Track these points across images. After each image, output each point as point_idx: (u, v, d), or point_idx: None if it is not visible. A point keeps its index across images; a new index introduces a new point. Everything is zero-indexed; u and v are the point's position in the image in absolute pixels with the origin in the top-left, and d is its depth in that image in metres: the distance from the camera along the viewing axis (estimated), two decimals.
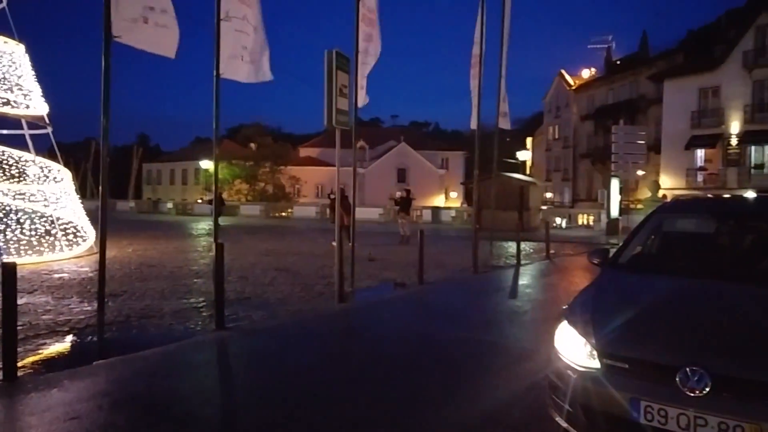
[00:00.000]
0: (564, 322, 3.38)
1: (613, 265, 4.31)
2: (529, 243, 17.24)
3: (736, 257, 4.36)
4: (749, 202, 5.76)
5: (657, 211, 5.10)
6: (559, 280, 11.43)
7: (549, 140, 61.54)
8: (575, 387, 3.02)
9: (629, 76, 48.60)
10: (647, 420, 2.72)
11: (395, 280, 10.46)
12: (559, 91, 59.86)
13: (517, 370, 5.11)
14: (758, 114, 34.26)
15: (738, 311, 3.27)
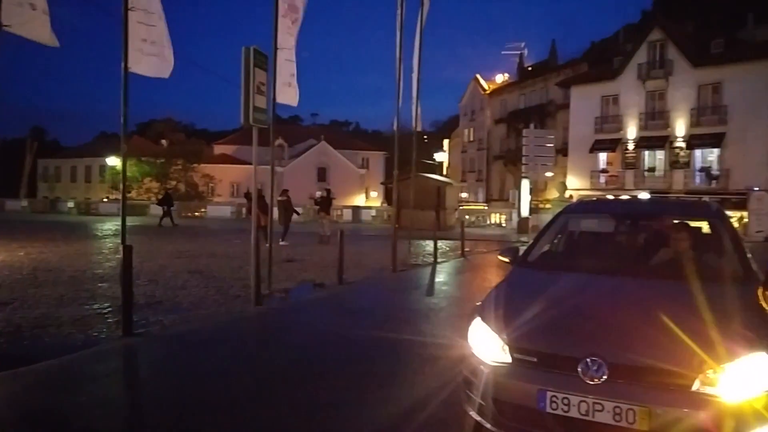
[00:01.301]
0: (477, 318, 3.48)
1: (523, 263, 4.49)
2: (446, 241, 17.65)
3: (632, 254, 4.65)
4: (643, 203, 6.20)
5: (563, 212, 5.33)
6: (473, 277, 11.80)
7: (465, 142, 63.39)
8: (487, 381, 3.12)
9: (540, 82, 51.02)
10: (552, 409, 2.86)
11: (314, 281, 10.37)
12: (475, 95, 61.80)
13: (433, 366, 5.17)
14: (650, 122, 37.05)
15: (633, 304, 3.49)
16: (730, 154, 33.78)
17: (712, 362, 2.75)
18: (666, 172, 36.59)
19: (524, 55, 59.88)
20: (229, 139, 61.60)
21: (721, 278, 3.74)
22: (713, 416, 2.63)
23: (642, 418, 2.69)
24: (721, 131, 34.04)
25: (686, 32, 39.09)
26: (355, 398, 4.39)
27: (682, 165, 35.89)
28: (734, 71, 33.45)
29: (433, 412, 4.06)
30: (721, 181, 34.25)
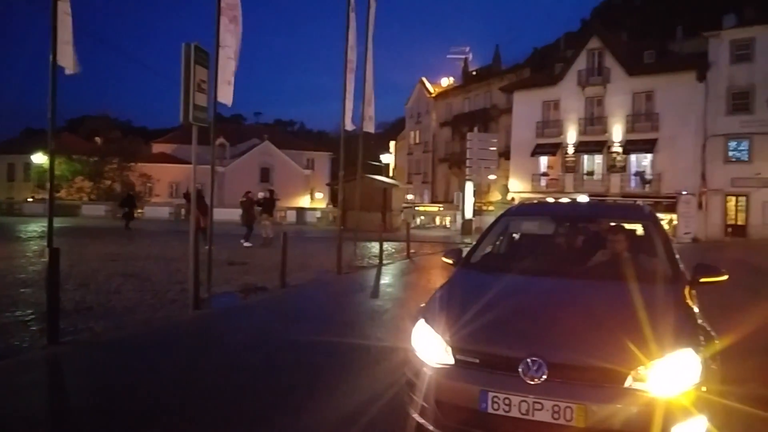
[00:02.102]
0: (421, 320, 3.47)
1: (466, 265, 4.52)
2: (392, 243, 17.68)
3: (570, 255, 4.75)
4: (581, 207, 6.36)
5: (504, 214, 5.42)
6: (418, 279, 11.83)
7: (411, 144, 63.86)
8: (430, 383, 3.12)
9: (484, 87, 52.01)
10: (494, 409, 2.90)
11: (256, 284, 10.12)
12: (420, 98, 62.38)
13: (377, 369, 5.12)
14: (589, 127, 38.39)
15: (571, 304, 3.58)
16: (662, 159, 35.44)
17: (643, 359, 2.85)
18: (604, 175, 37.99)
19: (469, 60, 61.03)
20: (169, 138, 59.60)
21: (653, 278, 3.86)
22: (644, 411, 2.74)
23: (579, 415, 2.76)
24: (654, 137, 35.67)
25: (622, 42, 40.82)
26: (300, 402, 4.28)
27: (619, 169, 37.36)
28: (665, 80, 35.14)
29: (375, 416, 4.01)
30: (653, 185, 35.87)
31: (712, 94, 33.90)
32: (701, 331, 3.24)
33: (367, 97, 13.49)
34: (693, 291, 3.93)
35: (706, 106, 33.98)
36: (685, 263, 4.21)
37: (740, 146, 33.43)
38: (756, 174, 32.24)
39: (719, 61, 33.78)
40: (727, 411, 3.28)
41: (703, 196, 33.94)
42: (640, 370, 2.84)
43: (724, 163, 33.67)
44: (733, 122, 33.32)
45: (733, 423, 3.58)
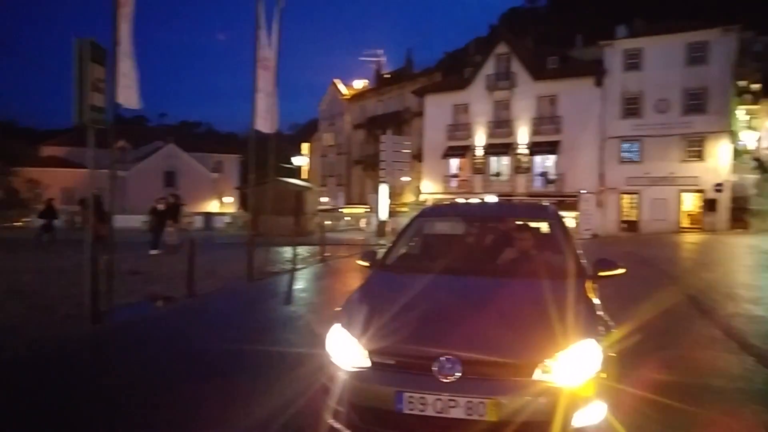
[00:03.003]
0: (336, 324, 3.46)
1: (381, 267, 4.55)
2: (306, 247, 17.39)
3: (481, 254, 4.88)
4: (490, 207, 6.54)
5: (418, 216, 5.50)
6: (333, 282, 11.69)
7: (324, 147, 63.38)
8: (345, 387, 3.12)
9: (396, 90, 52.59)
10: (409, 409, 2.95)
11: (161, 294, 9.55)
12: (334, 100, 62.12)
13: (291, 376, 4.98)
14: (497, 129, 39.86)
15: (482, 302, 3.67)
16: (564, 160, 37.41)
17: (549, 351, 3.00)
18: (510, 176, 39.58)
19: (382, 63, 61.54)
20: (60, 140, 54.61)
21: (557, 274, 4.04)
22: (550, 400, 2.88)
23: (491, 410, 2.86)
24: (557, 139, 37.59)
25: (527, 48, 42.68)
26: (210, 414, 4.12)
27: (525, 170, 39.06)
28: (567, 85, 37.16)
29: (289, 423, 3.91)
30: (557, 185, 37.80)
31: (608, 100, 36.19)
32: (601, 322, 3.44)
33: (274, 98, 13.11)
34: (594, 285, 4.15)
35: (603, 110, 36.23)
36: (586, 258, 4.43)
37: (632, 148, 35.89)
38: (646, 173, 34.74)
39: (613, 68, 36.12)
40: (624, 396, 3.53)
41: (602, 195, 36.14)
42: (547, 362, 2.97)
43: (619, 164, 36.02)
44: (626, 126, 35.73)
45: (630, 406, 3.87)
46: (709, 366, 5.57)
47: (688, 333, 6.96)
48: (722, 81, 33.62)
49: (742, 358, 5.74)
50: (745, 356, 5.78)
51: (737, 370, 5.37)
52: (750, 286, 11.42)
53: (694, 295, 9.57)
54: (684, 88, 34.09)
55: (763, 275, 13.38)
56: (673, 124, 34.29)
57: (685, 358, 5.78)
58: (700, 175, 33.43)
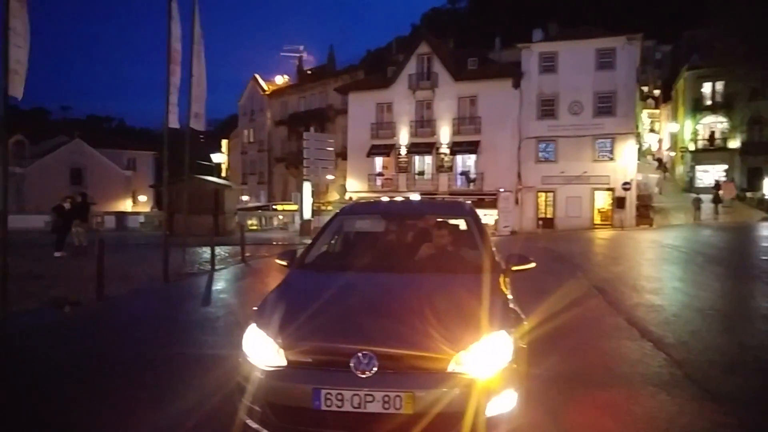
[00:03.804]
0: (252, 324, 3.44)
1: (300, 266, 4.50)
2: (225, 247, 16.90)
3: (400, 251, 4.91)
4: (409, 204, 6.59)
5: (338, 214, 5.53)
6: (254, 283, 11.40)
7: (245, 143, 61.91)
8: (263, 387, 3.11)
9: (319, 86, 52.19)
10: (327, 406, 2.96)
11: (66, 298, 8.95)
12: (254, 95, 60.80)
13: (208, 378, 4.84)
14: (420, 129, 40.43)
15: (399, 298, 3.74)
16: (484, 160, 38.49)
17: (462, 344, 3.09)
18: (433, 175, 40.27)
19: (303, 59, 60.86)
20: None
21: (472, 269, 4.19)
22: (464, 391, 2.97)
23: (407, 403, 2.91)
24: (477, 139, 38.60)
25: (448, 48, 43.54)
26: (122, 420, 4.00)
27: (447, 169, 39.86)
28: (486, 86, 38.24)
29: (204, 424, 3.85)
30: (477, 183, 38.84)
31: (525, 101, 37.55)
32: (513, 315, 3.58)
33: (194, 94, 12.69)
34: (507, 279, 4.30)
35: (521, 111, 37.57)
36: (506, 253, 4.60)
37: (548, 148, 37.46)
38: (560, 172, 36.37)
39: (530, 70, 37.52)
40: (534, 383, 3.71)
41: (519, 193, 37.50)
42: (461, 354, 3.05)
43: (536, 163, 37.49)
44: (542, 126, 37.23)
45: (540, 393, 4.05)
46: (613, 352, 5.88)
47: (596, 323, 7.32)
48: (628, 85, 35.77)
49: (642, 344, 6.09)
50: (645, 342, 6.15)
51: (637, 355, 5.70)
52: (651, 278, 12.19)
53: (602, 287, 10.10)
54: (595, 91, 35.94)
55: (663, 268, 14.33)
56: (585, 126, 36.08)
57: (592, 346, 6.07)
58: (610, 174, 35.37)
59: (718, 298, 9.57)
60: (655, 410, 4.21)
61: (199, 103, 12.86)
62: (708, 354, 5.74)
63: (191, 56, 12.28)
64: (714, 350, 5.91)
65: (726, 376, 5.07)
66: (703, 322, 7.38)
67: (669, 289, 10.23)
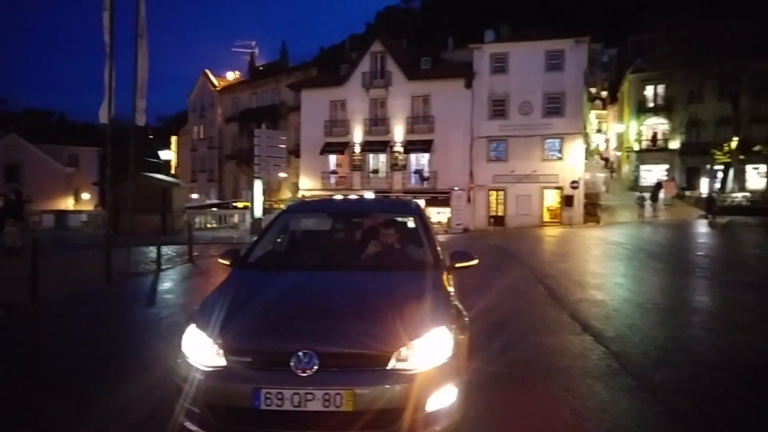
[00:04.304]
0: (192, 325, 3.40)
1: (243, 265, 4.46)
2: (173, 246, 16.48)
3: (347, 249, 4.93)
4: (357, 202, 6.60)
5: (284, 212, 5.51)
6: (201, 283, 11.14)
7: (194, 140, 60.54)
8: (202, 388, 3.08)
9: (271, 83, 51.55)
10: (267, 405, 2.95)
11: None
12: (204, 91, 59.52)
13: (148, 379, 4.74)
14: (374, 127, 40.46)
15: (343, 296, 3.75)
16: (437, 159, 38.86)
17: (404, 340, 3.12)
18: (387, 173, 40.38)
19: (255, 54, 59.94)
20: None
21: (417, 266, 4.27)
22: (405, 388, 2.99)
23: (348, 400, 2.93)
24: (430, 138, 38.92)
25: (402, 47, 43.73)
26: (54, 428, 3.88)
27: (401, 167, 40.05)
28: (439, 86, 38.59)
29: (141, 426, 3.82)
30: (431, 182, 39.17)
31: (477, 101, 38.07)
32: (454, 310, 3.61)
33: (139, 88, 12.28)
34: (450, 275, 4.35)
35: (473, 111, 38.08)
36: (458, 249, 4.67)
37: (499, 147, 38.11)
38: (511, 171, 37.07)
39: (482, 71, 38.07)
40: (476, 377, 3.81)
41: (472, 191, 38.04)
42: (402, 351, 3.08)
43: (487, 162, 38.07)
44: (493, 126, 37.85)
45: (481, 387, 4.15)
46: (555, 346, 6.03)
47: (541, 317, 7.50)
48: (576, 87, 36.76)
49: (583, 338, 6.29)
50: (586, 336, 6.35)
51: (578, 348, 5.87)
52: (596, 274, 12.59)
53: (549, 284, 10.35)
54: (544, 92, 36.77)
55: (607, 264, 14.82)
56: (535, 126, 36.88)
57: (535, 341, 6.21)
58: (559, 173, 36.28)
59: (656, 293, 9.96)
60: (592, 401, 4.35)
61: (143, 98, 12.45)
62: (643, 346, 5.97)
63: (135, 50, 11.88)
64: (649, 342, 6.15)
65: (658, 367, 5.28)
66: (641, 315, 7.66)
67: (611, 285, 10.58)
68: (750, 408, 4.40)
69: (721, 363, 5.53)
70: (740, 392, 4.76)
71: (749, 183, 43.00)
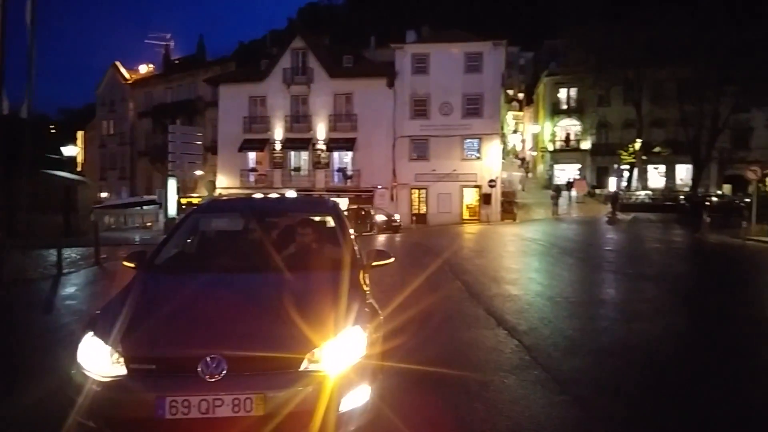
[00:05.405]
0: (89, 333, 3.21)
1: (149, 268, 4.24)
2: (78, 249, 15.48)
3: (261, 250, 4.76)
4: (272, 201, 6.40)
5: (193, 212, 5.33)
6: (107, 287, 10.48)
7: (104, 135, 57.35)
8: (99, 400, 2.91)
9: (187, 77, 49.75)
10: (172, 414, 2.81)
11: None
12: (114, 84, 56.50)
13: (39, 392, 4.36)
14: (295, 124, 39.97)
15: (255, 298, 3.65)
16: (361, 157, 38.94)
17: (316, 342, 3.07)
18: (310, 171, 40.00)
19: (170, 47, 57.57)
20: None
21: (333, 266, 4.18)
22: (317, 389, 2.95)
23: (258, 404, 2.84)
24: (353, 136, 38.95)
25: (324, 45, 43.42)
26: None
27: (323, 165, 39.80)
28: (362, 84, 38.69)
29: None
30: (354, 180, 39.21)
31: (399, 100, 38.48)
32: (369, 310, 3.60)
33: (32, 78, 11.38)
34: (366, 274, 4.35)
35: (395, 110, 38.44)
36: (380, 247, 4.71)
37: (421, 146, 38.71)
38: (432, 170, 37.76)
39: (404, 71, 38.50)
40: (391, 375, 3.78)
41: (395, 190, 38.40)
42: (315, 352, 3.04)
43: (410, 161, 38.58)
44: (415, 126, 38.38)
45: (395, 385, 4.13)
46: (470, 341, 6.14)
47: (457, 313, 7.61)
48: (494, 89, 37.96)
49: (497, 332, 6.43)
50: (500, 330, 6.50)
51: (492, 342, 6.00)
52: (511, 269, 13.01)
53: (466, 279, 10.57)
54: (464, 93, 37.71)
55: (522, 260, 15.36)
56: (455, 126, 37.75)
57: (451, 336, 6.30)
58: (478, 172, 37.34)
59: (566, 287, 10.41)
60: (505, 394, 4.45)
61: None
62: (553, 339, 6.19)
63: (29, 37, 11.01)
64: (558, 335, 6.38)
65: (566, 358, 5.49)
66: (552, 309, 7.95)
67: (525, 280, 10.94)
68: (645, 390, 4.67)
69: (620, 351, 5.85)
70: (635, 376, 5.04)
71: (651, 182, 46.17)
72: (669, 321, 7.54)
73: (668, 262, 15.04)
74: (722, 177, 43.39)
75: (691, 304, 9.19)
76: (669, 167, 46.43)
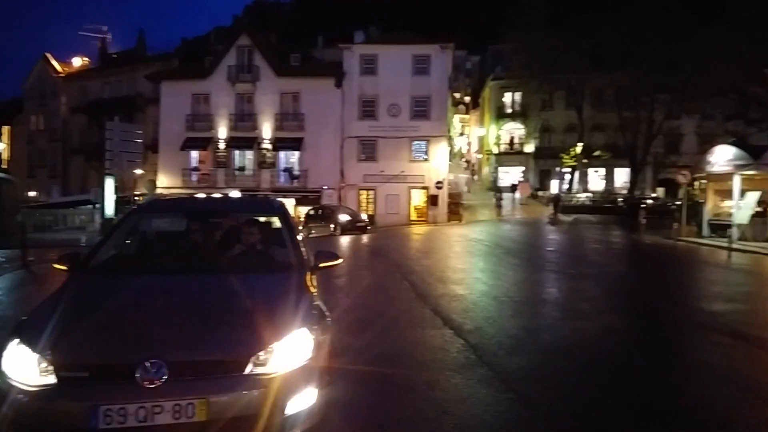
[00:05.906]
0: (14, 340, 3.03)
1: (83, 270, 4.07)
2: (3, 251, 14.67)
3: (204, 252, 4.69)
4: (215, 201, 6.26)
5: (133, 212, 5.25)
6: (35, 292, 9.90)
7: (32, 131, 54.41)
8: (25, 410, 2.74)
9: (127, 72, 48.01)
10: (107, 424, 2.69)
11: None
12: (45, 78, 53.71)
13: None
14: (240, 123, 39.22)
15: (196, 301, 3.53)
16: (308, 157, 38.58)
17: (262, 344, 3.01)
18: (255, 171, 39.32)
19: (108, 40, 55.35)
20: None
21: (279, 267, 4.16)
22: (263, 393, 2.88)
23: (200, 410, 2.76)
24: (300, 136, 38.54)
25: (271, 43, 42.77)
26: None
27: (269, 165, 39.20)
28: (309, 84, 38.36)
29: None
30: (301, 180, 38.82)
31: (347, 101, 38.33)
32: (316, 311, 3.55)
33: None
34: (314, 275, 4.27)
35: (343, 110, 38.28)
36: (327, 249, 4.67)
37: (369, 147, 38.72)
38: (380, 171, 37.82)
39: (352, 71, 38.39)
40: (337, 376, 3.76)
41: (342, 191, 38.24)
42: (260, 355, 2.98)
43: (358, 162, 38.48)
44: (363, 126, 38.33)
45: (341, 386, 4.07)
46: (417, 341, 6.15)
47: (404, 313, 7.61)
48: (441, 91, 38.38)
49: (443, 331, 6.46)
50: (446, 330, 6.53)
51: (439, 342, 6.02)
52: (457, 269, 13.16)
53: (413, 280, 10.60)
54: (411, 95, 37.94)
55: (467, 260, 15.58)
56: (403, 128, 37.91)
57: (399, 336, 6.29)
58: (425, 173, 37.66)
59: (510, 286, 10.61)
60: (451, 393, 4.47)
61: None
62: (498, 337, 6.26)
63: None
64: (503, 334, 6.47)
65: (510, 357, 5.57)
66: (497, 308, 8.07)
67: (471, 280, 11.09)
68: (586, 386, 4.78)
69: (563, 349, 5.98)
70: (578, 373, 5.15)
71: (591, 185, 47.89)
72: (608, 319, 7.78)
73: (607, 262, 15.58)
74: (656, 180, 45.49)
75: (629, 302, 9.54)
76: (608, 170, 48.30)
